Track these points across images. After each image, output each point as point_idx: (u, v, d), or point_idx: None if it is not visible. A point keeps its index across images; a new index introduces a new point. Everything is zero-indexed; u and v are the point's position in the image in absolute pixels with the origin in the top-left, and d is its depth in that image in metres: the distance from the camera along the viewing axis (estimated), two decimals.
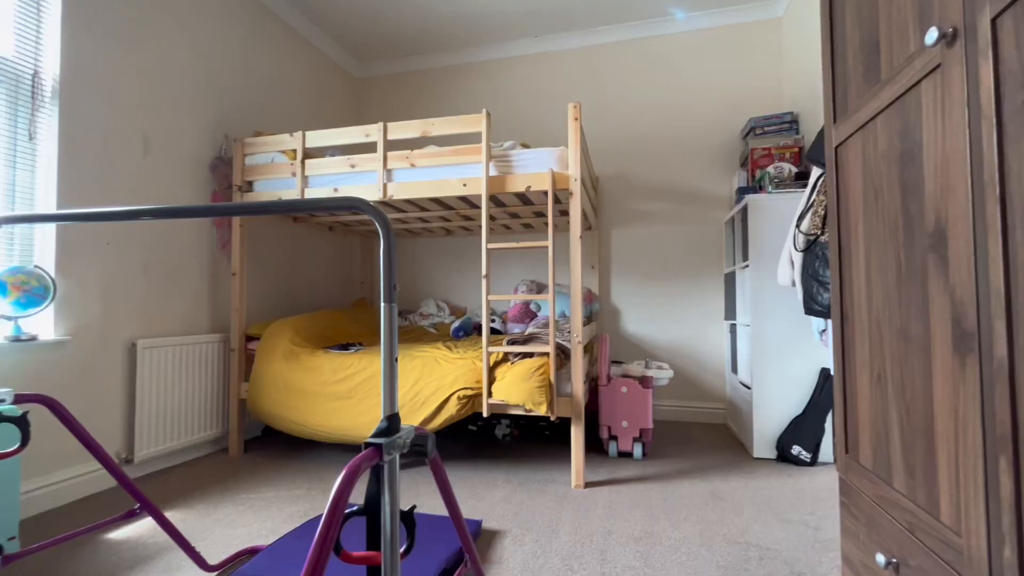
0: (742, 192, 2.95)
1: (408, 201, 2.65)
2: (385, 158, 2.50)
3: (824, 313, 2.00)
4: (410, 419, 2.32)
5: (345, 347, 2.73)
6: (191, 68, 2.67)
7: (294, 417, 2.48)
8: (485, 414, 2.26)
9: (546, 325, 2.84)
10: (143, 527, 1.83)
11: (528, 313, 3.31)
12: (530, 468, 2.48)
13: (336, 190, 2.57)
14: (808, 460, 2.43)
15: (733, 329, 3.08)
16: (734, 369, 3.06)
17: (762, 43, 3.39)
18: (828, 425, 2.45)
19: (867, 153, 1.05)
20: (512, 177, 2.37)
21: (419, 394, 2.35)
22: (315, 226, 3.55)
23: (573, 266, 2.25)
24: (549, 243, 2.25)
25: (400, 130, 2.50)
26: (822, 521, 1.86)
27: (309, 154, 2.70)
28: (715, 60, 3.47)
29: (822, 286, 1.99)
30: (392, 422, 0.79)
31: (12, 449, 1.02)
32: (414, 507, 0.81)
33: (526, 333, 2.73)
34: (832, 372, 1.87)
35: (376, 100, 4.23)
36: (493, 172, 2.39)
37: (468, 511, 1.98)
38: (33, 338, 1.95)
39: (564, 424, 3.19)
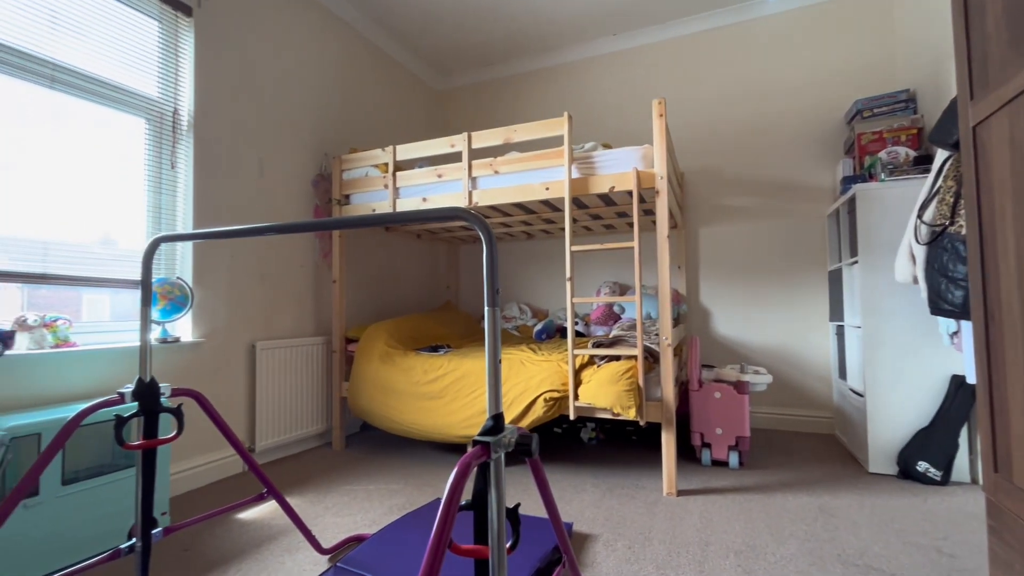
0: (848, 182, 2.70)
1: (492, 207, 2.72)
2: (470, 166, 2.58)
3: (956, 313, 1.78)
4: None
5: (434, 349, 2.86)
6: (296, 94, 2.94)
7: (390, 415, 2.63)
8: (572, 417, 2.25)
9: (631, 327, 2.78)
10: (266, 510, 2.03)
11: (611, 315, 3.26)
12: (618, 473, 2.44)
13: (425, 200, 2.70)
14: (938, 479, 2.17)
15: (840, 331, 2.83)
16: (842, 375, 2.80)
17: (867, 16, 3.09)
18: (963, 440, 2.17)
19: (1018, 133, 0.93)
20: (595, 178, 2.35)
21: (506, 395, 2.40)
22: (404, 235, 3.75)
23: (661, 266, 2.19)
24: (635, 243, 2.21)
25: (483, 139, 2.58)
26: (959, 548, 1.65)
27: (399, 167, 2.86)
28: (811, 40, 3.21)
29: (952, 283, 1.76)
30: (497, 421, 0.82)
31: (171, 436, 1.19)
32: (518, 505, 0.83)
33: (611, 336, 2.69)
34: (968, 379, 1.66)
35: (458, 111, 4.39)
36: (575, 174, 2.39)
37: (567, 514, 1.99)
38: (176, 340, 2.25)
39: (652, 429, 3.10)
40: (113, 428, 1.87)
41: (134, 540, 1.16)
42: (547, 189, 2.43)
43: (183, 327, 2.34)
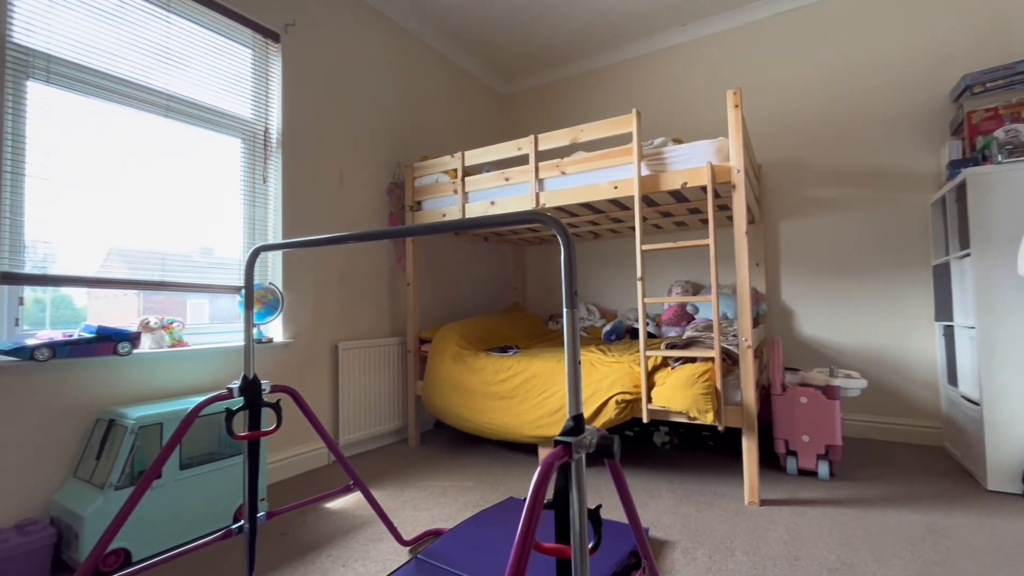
0: (956, 166, 2.44)
1: (559, 208, 2.72)
2: (536, 168, 2.60)
3: None
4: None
5: (504, 349, 2.90)
6: (371, 107, 3.10)
7: (462, 413, 2.70)
8: (645, 420, 2.20)
9: (706, 328, 2.67)
10: (351, 501, 2.16)
11: (684, 316, 3.14)
12: (695, 479, 2.35)
13: (493, 203, 2.75)
14: None
15: (949, 332, 2.55)
16: (952, 380, 2.53)
17: None
18: None
19: None
20: (666, 175, 2.28)
21: None
22: (472, 238, 3.83)
23: (739, 264, 2.09)
24: (711, 240, 2.12)
25: (550, 140, 2.59)
26: None
27: (468, 172, 2.94)
28: (906, 13, 2.93)
29: None
30: (578, 422, 0.82)
31: (271, 428, 1.30)
32: (600, 507, 0.83)
33: (685, 337, 2.60)
34: None
35: (523, 114, 4.43)
36: (645, 172, 2.34)
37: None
38: (269, 340, 2.44)
39: (730, 434, 2.95)
40: (223, 420, 2.06)
41: (242, 522, 1.28)
42: (616, 188, 2.39)
43: (275, 329, 2.54)
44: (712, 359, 2.14)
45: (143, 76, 2.09)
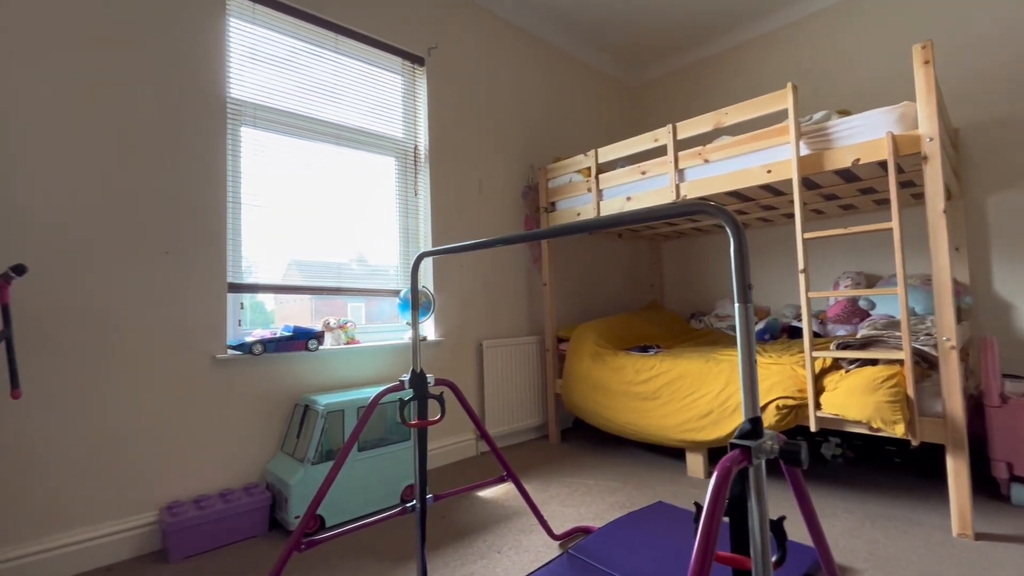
0: None
1: (701, 199, 2.56)
2: (676, 159, 2.48)
3: None
4: (720, 427, 2.22)
5: (644, 349, 2.81)
6: (505, 116, 3.24)
7: (602, 413, 2.68)
8: (813, 428, 1.96)
9: (888, 326, 2.29)
10: (500, 491, 2.27)
11: (856, 312, 2.74)
12: (877, 500, 2.03)
13: (628, 199, 2.68)
14: None
15: None
16: None
17: None
18: None
19: None
20: (831, 152, 2.02)
21: (728, 401, 2.22)
22: (606, 235, 3.78)
23: (936, 249, 1.76)
24: (894, 224, 1.82)
25: (690, 128, 2.45)
26: None
27: (601, 169, 2.90)
28: None
29: None
30: (756, 425, 0.76)
31: (436, 418, 1.43)
32: (783, 518, 0.76)
33: (859, 335, 2.27)
34: None
35: (656, 104, 4.25)
36: (804, 151, 2.09)
37: (802, 536, 1.76)
38: (424, 339, 2.68)
39: (924, 451, 2.50)
40: (390, 409, 2.31)
41: (414, 502, 1.42)
42: (769, 172, 2.18)
43: (428, 328, 2.77)
44: (901, 361, 1.83)
45: (317, 111, 2.43)
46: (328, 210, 2.47)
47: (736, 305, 0.78)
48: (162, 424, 1.87)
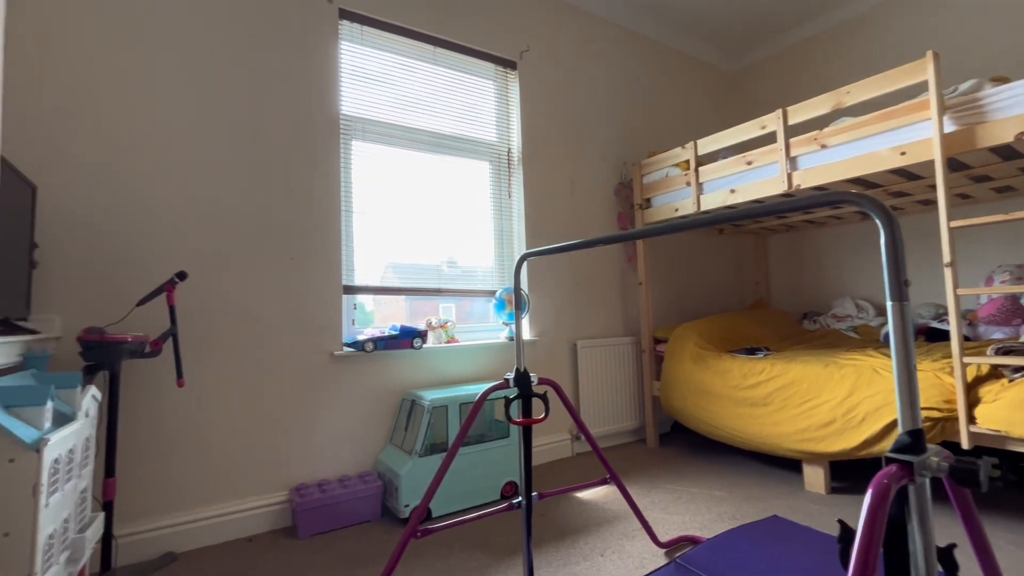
0: None
1: (816, 188, 2.34)
2: (787, 146, 2.29)
3: None
4: (844, 438, 2.01)
5: (751, 351, 2.62)
6: (596, 113, 3.19)
7: (704, 418, 2.54)
8: (965, 446, 1.71)
9: None
10: (599, 493, 2.24)
11: (1017, 311, 2.35)
12: None
13: (733, 191, 2.53)
14: None
15: None
16: None
17: None
18: None
19: None
20: (984, 127, 1.75)
21: (854, 410, 2.01)
22: (705, 230, 3.59)
23: None
24: None
25: (803, 111, 2.25)
26: None
27: (700, 161, 2.76)
28: None
29: None
30: (917, 439, 0.68)
31: (541, 417, 1.44)
32: (954, 546, 0.66)
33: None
34: None
35: (757, 90, 3.96)
36: (950, 127, 1.83)
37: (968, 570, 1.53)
38: None
39: None
40: (490, 406, 2.38)
41: (520, 498, 1.44)
42: (903, 154, 1.94)
43: (522, 328, 2.81)
44: None
45: (415, 121, 2.56)
46: (425, 215, 2.59)
47: (890, 304, 0.70)
48: (292, 413, 2.07)
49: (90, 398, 1.36)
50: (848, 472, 2.38)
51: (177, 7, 1.95)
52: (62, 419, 1.20)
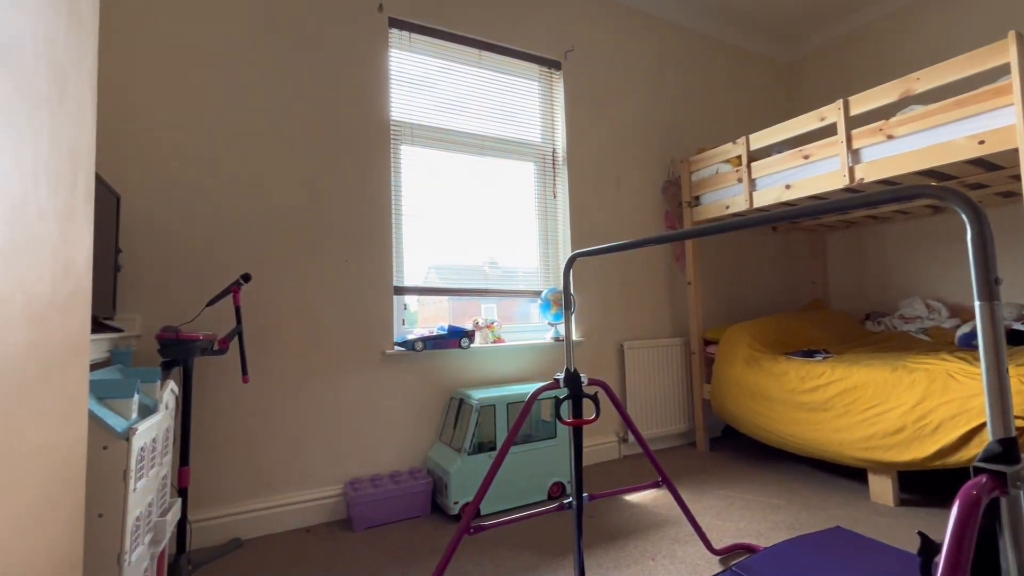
0: None
1: (882, 181, 2.21)
2: (849, 138, 2.18)
3: None
4: (915, 448, 1.89)
5: (809, 353, 2.51)
6: (642, 109, 3.14)
7: (759, 422, 2.45)
8: None
9: None
10: (649, 497, 2.20)
11: None
12: None
13: (788, 187, 2.43)
14: None
15: None
16: None
17: None
18: None
19: None
20: None
21: (926, 417, 1.88)
22: (758, 228, 3.46)
23: None
24: None
25: (866, 101, 2.14)
26: None
27: (753, 157, 2.66)
28: None
29: None
30: (1008, 447, 0.63)
31: (591, 418, 1.44)
32: None
33: None
34: None
35: (812, 81, 3.78)
36: None
37: None
38: (559, 340, 2.71)
39: None
40: (538, 406, 2.38)
41: (571, 499, 1.44)
42: (981, 143, 1.80)
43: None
44: None
45: (461, 124, 2.59)
46: (469, 216, 2.62)
47: (978, 304, 0.66)
48: (346, 409, 2.15)
49: (169, 392, 1.47)
50: (918, 483, 2.24)
51: (253, 33, 2.07)
52: (145, 411, 1.30)
